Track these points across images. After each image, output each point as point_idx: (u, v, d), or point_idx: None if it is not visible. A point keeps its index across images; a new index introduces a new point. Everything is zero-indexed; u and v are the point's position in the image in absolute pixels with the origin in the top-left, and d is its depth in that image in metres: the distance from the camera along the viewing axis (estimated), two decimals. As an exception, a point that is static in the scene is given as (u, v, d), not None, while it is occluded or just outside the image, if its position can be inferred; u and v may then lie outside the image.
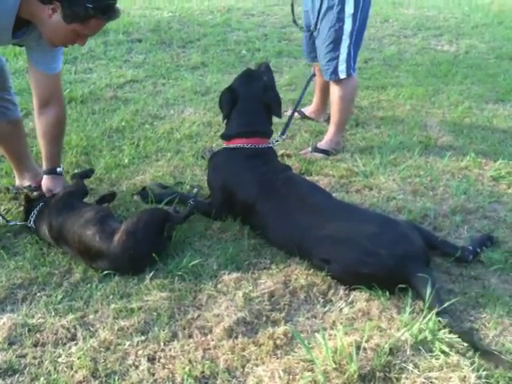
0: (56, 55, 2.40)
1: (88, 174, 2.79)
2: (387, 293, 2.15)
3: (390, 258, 2.14)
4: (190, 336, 1.97)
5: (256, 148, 2.67)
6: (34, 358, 1.86)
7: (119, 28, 5.70)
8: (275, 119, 2.89)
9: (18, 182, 2.82)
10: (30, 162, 2.82)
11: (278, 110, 2.84)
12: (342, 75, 3.28)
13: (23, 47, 2.43)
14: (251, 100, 2.75)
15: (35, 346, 1.92)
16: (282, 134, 3.09)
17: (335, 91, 3.38)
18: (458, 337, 1.92)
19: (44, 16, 2.06)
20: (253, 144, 2.66)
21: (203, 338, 1.95)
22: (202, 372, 1.81)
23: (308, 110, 3.97)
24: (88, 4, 2.01)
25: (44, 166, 2.60)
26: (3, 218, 2.50)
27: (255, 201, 2.51)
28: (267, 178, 2.56)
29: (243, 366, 1.84)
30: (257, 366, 1.85)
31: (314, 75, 3.64)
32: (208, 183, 2.76)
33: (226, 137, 2.75)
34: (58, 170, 2.60)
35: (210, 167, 2.78)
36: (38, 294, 2.15)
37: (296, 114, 3.96)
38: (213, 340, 1.94)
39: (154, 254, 2.27)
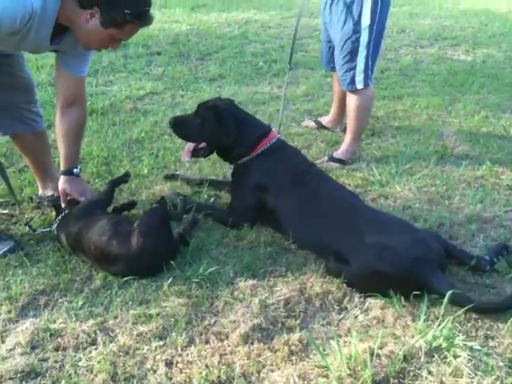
0: (86, 60, 2.49)
1: (124, 179, 2.82)
2: (402, 300, 2.17)
3: (408, 258, 2.17)
4: (207, 341, 2.00)
5: (281, 139, 2.84)
6: (56, 361, 1.91)
7: (139, 41, 5.82)
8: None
9: (40, 192, 2.89)
10: (53, 171, 2.89)
11: None
12: (360, 85, 3.32)
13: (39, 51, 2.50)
14: (234, 109, 2.83)
15: (56, 350, 1.97)
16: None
17: (352, 101, 3.42)
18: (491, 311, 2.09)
19: (81, 21, 2.13)
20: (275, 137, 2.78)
21: (220, 344, 1.98)
22: (219, 377, 1.84)
23: (325, 119, 4.01)
24: (126, 10, 2.08)
25: (61, 167, 2.64)
26: (30, 227, 2.56)
27: (290, 190, 2.61)
28: (301, 170, 2.69)
29: (259, 372, 1.87)
30: (272, 371, 1.87)
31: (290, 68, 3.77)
32: (235, 190, 2.82)
33: (247, 148, 2.74)
34: (75, 170, 2.63)
35: (244, 174, 2.77)
36: (60, 300, 2.21)
37: (313, 123, 4.02)
38: (229, 346, 1.97)
39: (172, 261, 2.32)
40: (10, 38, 2.09)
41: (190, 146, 2.83)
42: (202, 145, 2.81)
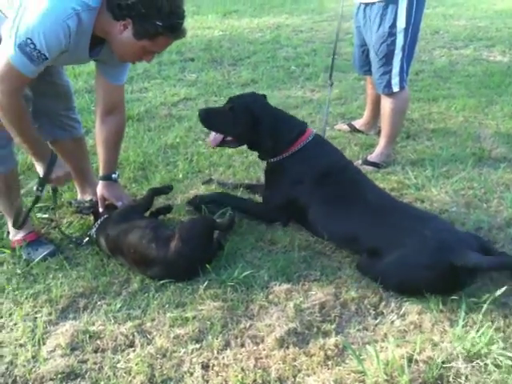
0: (125, 68, 2.54)
1: (165, 190, 2.87)
2: (440, 305, 2.14)
3: (435, 241, 2.21)
4: (243, 345, 2.01)
5: (319, 136, 2.85)
6: (95, 363, 1.95)
7: (172, 48, 5.89)
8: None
9: (79, 196, 2.96)
10: (91, 176, 2.95)
11: None
12: (396, 88, 3.29)
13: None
14: (269, 109, 2.82)
15: (95, 351, 2.01)
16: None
17: (387, 104, 3.39)
18: None
19: (115, 32, 2.16)
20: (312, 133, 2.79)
21: (255, 348, 1.99)
22: (254, 380, 1.85)
23: (359, 122, 3.99)
24: (158, 22, 2.10)
25: (100, 172, 2.69)
26: (77, 243, 2.62)
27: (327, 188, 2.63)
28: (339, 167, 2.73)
29: (294, 376, 1.87)
30: (308, 376, 1.87)
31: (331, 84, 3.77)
32: (270, 188, 2.84)
33: (284, 146, 2.74)
34: (114, 176, 2.68)
35: (280, 172, 2.78)
36: (99, 303, 2.25)
37: (346, 127, 4.00)
38: (264, 349, 1.98)
39: (207, 265, 2.35)
40: (58, 57, 2.15)
41: (219, 136, 2.83)
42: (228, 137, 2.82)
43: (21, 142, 2.30)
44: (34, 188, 2.45)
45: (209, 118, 2.83)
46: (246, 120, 2.71)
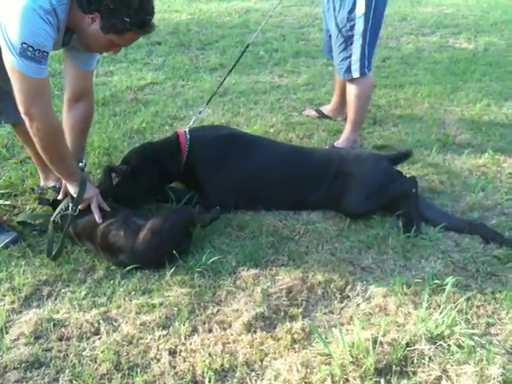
0: (94, 54, 2.51)
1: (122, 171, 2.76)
2: (404, 288, 2.18)
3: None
4: (210, 330, 2.01)
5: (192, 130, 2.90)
6: (59, 351, 1.92)
7: (139, 31, 5.78)
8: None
9: (42, 183, 2.89)
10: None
11: None
12: (356, 74, 3.29)
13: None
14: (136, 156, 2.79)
15: (60, 340, 1.98)
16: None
17: (351, 90, 3.40)
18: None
19: (84, 25, 2.14)
20: None
21: (223, 333, 2.00)
22: (222, 365, 1.85)
23: (326, 108, 4.00)
24: (126, 18, 2.08)
25: None
26: (38, 229, 2.56)
27: None
28: None
29: (261, 360, 1.88)
30: (275, 359, 1.88)
31: None
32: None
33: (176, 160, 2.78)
34: (80, 165, 2.62)
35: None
36: (63, 291, 2.22)
37: (314, 112, 4.01)
38: (232, 334, 1.98)
39: (174, 252, 2.32)
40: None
41: None
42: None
43: (57, 164, 2.30)
44: (70, 208, 2.38)
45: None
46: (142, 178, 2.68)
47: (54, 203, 2.56)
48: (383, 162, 2.80)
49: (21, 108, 2.11)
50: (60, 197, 2.55)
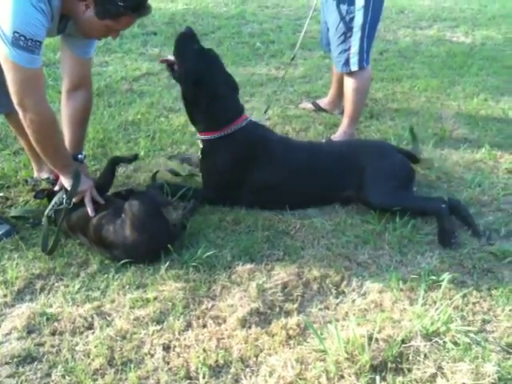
0: (93, 41, 2.46)
1: (127, 158, 2.73)
2: (400, 284, 2.17)
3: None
4: (205, 326, 2.00)
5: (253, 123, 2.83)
6: (52, 346, 1.91)
7: (134, 21, 5.72)
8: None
9: (36, 174, 2.86)
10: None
11: None
12: (354, 67, 3.27)
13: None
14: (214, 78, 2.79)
15: (53, 334, 1.96)
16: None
17: (348, 83, 3.37)
18: None
19: (79, 11, 2.12)
20: None
21: (217, 328, 1.98)
22: (216, 361, 1.84)
23: (323, 101, 3.97)
24: (119, 2, 2.05)
25: None
26: (32, 222, 2.53)
27: None
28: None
29: (256, 356, 1.87)
30: (270, 355, 1.87)
31: None
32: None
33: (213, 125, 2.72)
34: (80, 157, 2.60)
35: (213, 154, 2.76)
36: (56, 284, 2.20)
37: (310, 105, 3.98)
38: (227, 330, 1.97)
39: (169, 246, 2.30)
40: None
41: (172, 58, 2.70)
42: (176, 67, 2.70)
43: (51, 156, 2.28)
44: (64, 201, 2.37)
45: (183, 42, 2.69)
46: (196, 67, 2.64)
47: (50, 195, 2.53)
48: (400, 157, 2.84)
49: (14, 99, 2.07)
50: (56, 188, 2.53)
